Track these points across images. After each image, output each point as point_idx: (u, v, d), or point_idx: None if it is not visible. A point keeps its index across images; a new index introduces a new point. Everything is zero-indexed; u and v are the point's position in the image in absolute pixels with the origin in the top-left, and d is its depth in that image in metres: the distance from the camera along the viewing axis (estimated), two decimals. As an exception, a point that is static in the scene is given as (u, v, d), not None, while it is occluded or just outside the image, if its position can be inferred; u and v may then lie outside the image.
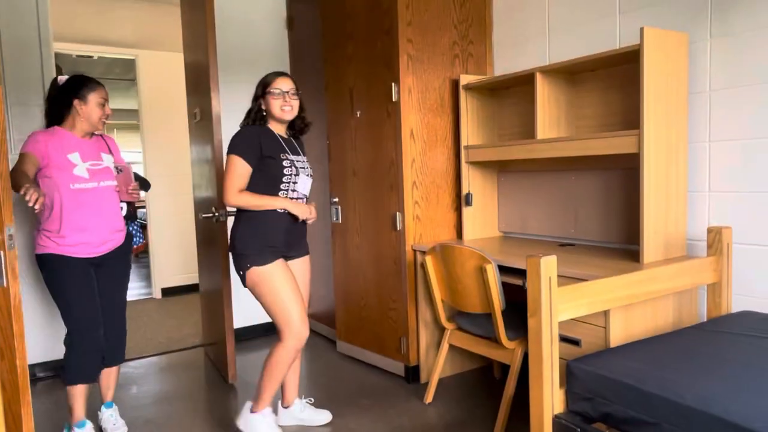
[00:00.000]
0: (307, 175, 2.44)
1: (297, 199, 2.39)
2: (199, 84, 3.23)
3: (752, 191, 2.22)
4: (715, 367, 1.62)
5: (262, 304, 2.34)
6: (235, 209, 2.37)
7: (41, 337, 3.38)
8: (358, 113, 3.26)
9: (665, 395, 1.50)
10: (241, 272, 2.32)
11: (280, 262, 2.32)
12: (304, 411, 2.63)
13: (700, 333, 1.94)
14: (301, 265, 2.52)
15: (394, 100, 2.97)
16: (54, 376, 3.38)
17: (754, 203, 2.22)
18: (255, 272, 2.28)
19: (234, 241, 2.32)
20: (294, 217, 2.37)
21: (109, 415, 2.61)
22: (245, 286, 2.34)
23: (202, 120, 3.25)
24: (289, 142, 2.44)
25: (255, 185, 2.31)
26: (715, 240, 2.23)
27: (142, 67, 5.44)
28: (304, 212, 2.36)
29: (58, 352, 3.36)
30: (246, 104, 4.38)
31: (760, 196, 2.20)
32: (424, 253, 2.83)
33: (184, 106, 4.90)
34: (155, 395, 3.08)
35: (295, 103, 2.39)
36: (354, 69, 3.26)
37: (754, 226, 2.22)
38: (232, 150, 2.28)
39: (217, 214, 3.03)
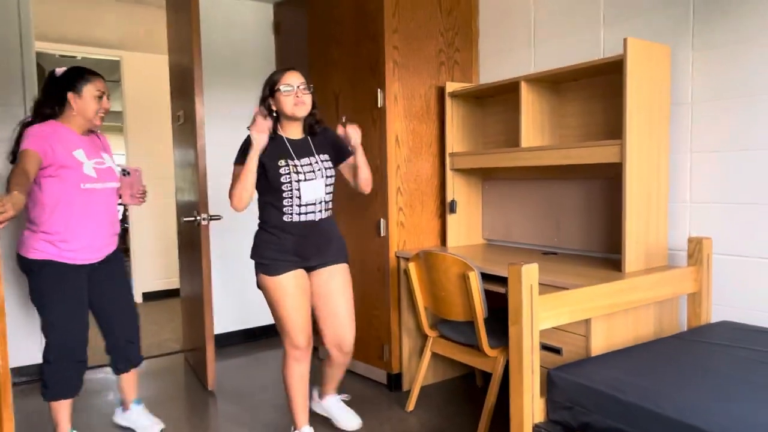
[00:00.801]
0: (322, 177, 2.29)
1: (308, 205, 2.27)
2: (184, 87, 3.20)
3: (732, 202, 2.24)
4: (694, 377, 1.63)
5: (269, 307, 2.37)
6: (235, 212, 2.36)
7: (19, 341, 3.29)
8: (344, 118, 3.23)
9: (644, 405, 1.51)
10: (256, 276, 2.35)
11: (291, 274, 2.27)
12: (334, 407, 2.61)
13: (680, 342, 1.96)
14: (326, 276, 2.38)
15: (379, 106, 2.97)
16: (30, 381, 3.31)
17: (733, 214, 2.24)
18: (263, 279, 2.30)
19: (252, 246, 2.35)
20: (305, 227, 2.26)
21: (141, 410, 2.64)
22: (258, 288, 2.37)
23: (185, 123, 3.22)
24: (303, 143, 2.33)
25: (264, 192, 2.31)
26: (696, 250, 2.25)
27: (126, 69, 5.39)
28: (258, 127, 2.16)
29: (35, 356, 3.29)
30: (230, 108, 4.32)
31: (739, 207, 2.23)
32: (407, 259, 2.82)
33: (168, 109, 4.85)
34: (133, 401, 3.03)
35: (308, 98, 2.25)
36: (340, 74, 3.25)
37: (733, 237, 2.25)
38: (235, 161, 2.29)
39: (199, 218, 3.00)
